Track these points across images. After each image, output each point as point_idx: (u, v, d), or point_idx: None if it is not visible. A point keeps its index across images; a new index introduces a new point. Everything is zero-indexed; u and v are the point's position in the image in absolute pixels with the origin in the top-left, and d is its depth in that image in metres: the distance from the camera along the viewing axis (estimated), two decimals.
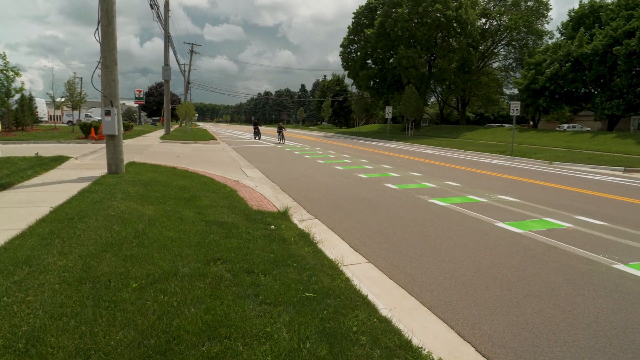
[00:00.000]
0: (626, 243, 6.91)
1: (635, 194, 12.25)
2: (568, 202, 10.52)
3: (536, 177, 15.47)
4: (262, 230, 6.41)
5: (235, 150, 24.21)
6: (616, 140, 29.97)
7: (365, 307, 4.04)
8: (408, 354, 3.27)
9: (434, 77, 53.22)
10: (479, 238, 7.08)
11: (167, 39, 34.23)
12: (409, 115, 47.31)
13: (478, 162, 21.53)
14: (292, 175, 14.26)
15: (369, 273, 5.40)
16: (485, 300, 4.65)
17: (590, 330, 4.03)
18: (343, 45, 58.93)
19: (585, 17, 41.27)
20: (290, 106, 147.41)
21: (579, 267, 5.72)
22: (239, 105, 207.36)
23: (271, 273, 4.59)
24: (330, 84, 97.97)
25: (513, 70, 58.17)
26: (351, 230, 7.43)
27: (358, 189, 11.83)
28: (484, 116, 75.91)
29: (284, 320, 3.56)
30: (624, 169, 18.74)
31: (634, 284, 5.18)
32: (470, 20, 49.00)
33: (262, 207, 8.40)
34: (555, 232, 7.49)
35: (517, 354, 3.61)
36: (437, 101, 68.49)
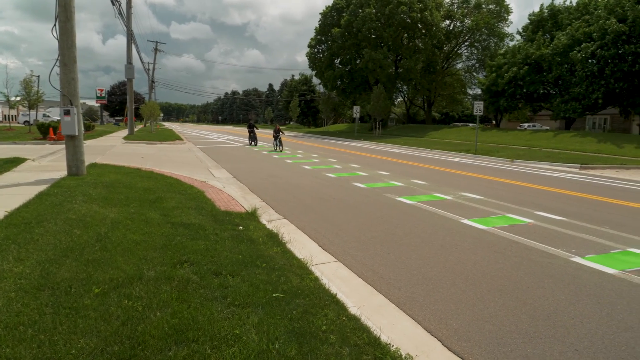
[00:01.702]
0: (582, 237, 7.23)
1: (591, 189, 12.82)
2: (529, 198, 10.90)
3: (499, 175, 15.95)
4: (230, 231, 6.33)
5: (202, 150, 23.83)
6: (573, 138, 31.29)
7: (335, 306, 4.06)
8: (377, 350, 3.31)
9: (401, 77, 54.02)
10: (445, 235, 7.24)
11: (130, 36, 33.33)
12: (377, 114, 47.85)
13: (444, 160, 22.01)
14: (261, 175, 14.16)
15: (338, 272, 5.42)
16: (451, 296, 4.75)
17: (549, 321, 4.19)
18: (310, 45, 58.98)
19: (544, 21, 42.85)
20: (258, 106, 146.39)
21: (539, 261, 5.94)
22: (206, 104, 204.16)
23: (239, 274, 4.54)
24: (298, 84, 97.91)
25: (476, 71, 59.74)
26: (320, 229, 7.45)
27: (327, 188, 11.87)
28: (449, 115, 77.67)
29: (253, 321, 3.53)
30: (580, 166, 19.58)
31: (589, 275, 5.42)
32: (435, 21, 50.01)
33: (230, 207, 8.30)
34: (517, 228, 7.75)
35: (481, 346, 3.72)
36: (403, 101, 69.56)
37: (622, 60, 30.30)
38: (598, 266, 5.74)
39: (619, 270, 5.60)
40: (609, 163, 20.43)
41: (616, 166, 19.80)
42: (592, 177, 16.45)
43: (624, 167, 19.68)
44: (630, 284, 5.14)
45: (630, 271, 5.57)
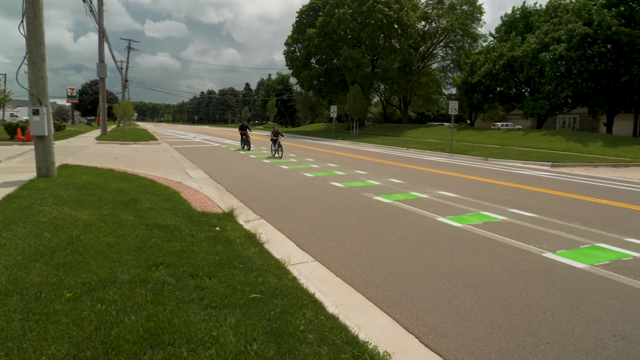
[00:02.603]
0: (554, 233, 7.43)
1: (562, 187, 13.19)
2: (502, 196, 11.14)
3: (473, 173, 16.25)
4: (206, 232, 6.26)
5: (177, 150, 23.48)
6: (544, 137, 32.12)
7: (313, 306, 4.05)
8: (355, 349, 3.32)
9: (378, 77, 54.44)
10: (421, 233, 7.33)
11: (102, 34, 32.56)
12: (354, 114, 48.07)
13: (420, 159, 22.29)
14: (238, 175, 14.05)
15: (316, 271, 5.43)
16: (428, 293, 4.82)
17: (523, 315, 4.30)
18: (287, 44, 58.88)
19: (516, 22, 43.95)
20: (235, 105, 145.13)
21: (512, 257, 6.07)
22: (181, 104, 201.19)
23: (216, 275, 4.50)
24: (275, 83, 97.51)
25: (451, 71, 60.74)
26: (298, 229, 7.44)
27: (304, 188, 11.86)
28: (425, 115, 78.69)
29: (230, 323, 3.50)
30: (551, 164, 20.13)
31: (561, 270, 5.58)
32: (411, 22, 50.61)
33: (207, 208, 8.21)
34: (491, 225, 7.91)
35: (457, 342, 3.78)
36: (380, 100, 70.11)
37: (588, 61, 31.28)
38: (568, 261, 5.91)
39: (588, 264, 5.78)
40: (578, 161, 21.06)
41: (585, 164, 20.43)
42: (562, 174, 16.93)
43: (592, 164, 20.33)
44: (599, 278, 5.31)
45: (598, 265, 5.75)
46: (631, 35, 29.17)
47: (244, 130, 25.56)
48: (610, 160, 21.31)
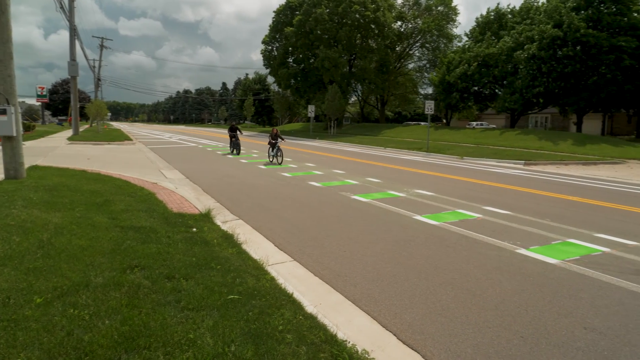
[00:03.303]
0: (527, 230, 7.61)
1: (535, 184, 13.52)
2: (477, 194, 11.34)
3: (450, 172, 16.50)
4: (183, 233, 6.18)
5: (153, 151, 23.08)
6: (518, 136, 32.85)
7: (291, 305, 4.05)
8: (333, 348, 3.33)
9: (355, 76, 54.68)
10: (398, 231, 7.40)
11: (73, 31, 31.72)
12: (332, 114, 48.16)
13: (397, 158, 22.50)
14: (215, 175, 13.90)
15: (295, 271, 5.42)
16: (405, 290, 4.87)
17: (497, 310, 4.38)
18: (264, 43, 58.55)
19: (491, 23, 44.86)
20: (212, 105, 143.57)
21: (487, 254, 6.19)
22: (157, 103, 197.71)
23: (193, 277, 4.44)
24: (252, 83, 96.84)
25: (427, 71, 61.47)
26: (276, 229, 7.41)
27: (282, 187, 11.83)
28: (402, 114, 79.42)
29: (208, 324, 3.46)
30: (524, 162, 20.61)
31: (533, 266, 5.72)
32: (387, 22, 50.99)
33: (183, 209, 8.10)
34: (466, 223, 8.04)
35: (434, 338, 3.83)
36: (358, 100, 70.43)
37: (558, 62, 32.14)
38: (541, 257, 6.06)
39: (559, 260, 5.94)
40: (550, 159, 21.62)
41: (556, 162, 20.99)
42: (535, 172, 17.35)
43: (563, 162, 20.90)
44: (570, 273, 5.47)
45: (569, 260, 5.92)
46: (598, 38, 30.10)
47: (233, 132, 22.62)
48: (580, 159, 21.95)
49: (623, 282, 5.15)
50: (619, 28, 30.78)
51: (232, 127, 23.03)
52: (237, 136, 22.43)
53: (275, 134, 18.13)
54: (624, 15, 31.00)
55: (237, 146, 22.21)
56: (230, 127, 23.07)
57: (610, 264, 5.81)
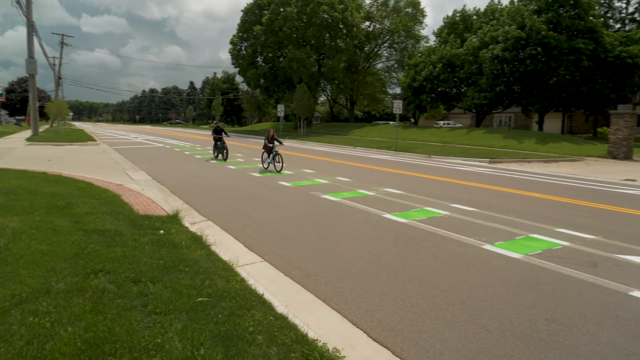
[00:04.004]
0: (492, 226, 7.83)
1: (499, 182, 13.92)
2: (445, 192, 11.58)
3: (418, 170, 16.78)
4: (150, 236, 6.04)
5: (117, 151, 22.45)
6: (483, 135, 33.73)
7: (262, 306, 4.02)
8: (304, 347, 3.33)
9: (324, 76, 54.80)
10: (368, 230, 7.47)
11: (31, 27, 30.46)
12: (301, 113, 48.13)
13: (367, 157, 22.70)
14: (183, 176, 13.65)
15: (265, 272, 5.39)
16: (375, 288, 4.92)
17: (464, 305, 4.49)
18: (233, 42, 57.89)
19: (457, 24, 45.94)
20: (179, 104, 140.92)
21: (454, 250, 6.34)
22: (122, 103, 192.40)
23: (161, 280, 4.35)
24: (221, 82, 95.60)
25: (395, 71, 62.31)
26: (246, 230, 7.35)
27: (252, 188, 11.74)
28: (371, 114, 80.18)
29: (176, 328, 3.40)
30: (490, 160, 21.19)
31: (498, 261, 5.89)
32: (356, 22, 51.36)
33: (150, 211, 7.91)
34: (434, 220, 8.20)
35: (404, 334, 3.89)
36: (327, 100, 70.64)
37: (521, 62, 33.21)
38: (505, 252, 6.25)
39: (523, 254, 6.14)
40: (513, 157, 22.31)
41: (520, 160, 21.67)
42: (500, 170, 17.86)
43: (526, 160, 21.61)
44: (532, 267, 5.66)
45: (532, 255, 6.13)
46: (559, 40, 31.27)
47: (218, 134, 19.53)
48: (542, 156, 22.75)
49: (582, 274, 5.37)
50: (577, 31, 32.07)
51: (216, 129, 19.80)
52: (223, 139, 19.41)
53: (272, 137, 15.69)
54: (582, 19, 32.34)
55: (222, 150, 19.13)
56: (215, 129, 19.88)
57: (569, 257, 6.04)
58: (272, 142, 15.58)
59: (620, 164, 20.70)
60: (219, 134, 19.50)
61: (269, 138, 15.63)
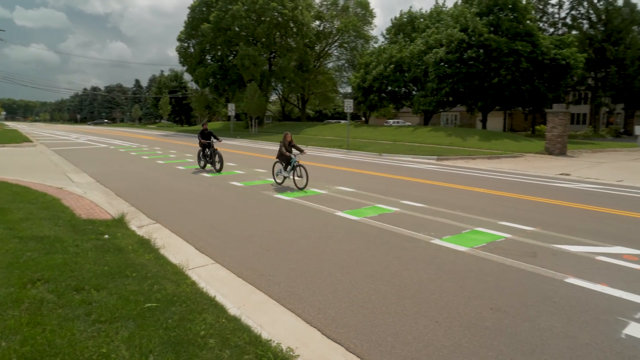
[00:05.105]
0: (440, 221, 8.10)
1: (446, 178, 14.42)
2: (395, 189, 11.85)
3: (369, 168, 17.06)
4: (93, 241, 5.76)
5: (57, 153, 21.23)
6: (430, 133, 34.82)
7: (214, 309, 3.95)
8: (258, 348, 3.30)
9: (275, 75, 54.50)
10: (321, 228, 7.51)
11: None
12: (252, 112, 47.61)
13: (319, 156, 22.80)
14: (129, 178, 13.13)
15: (217, 274, 5.28)
16: (329, 286, 4.95)
17: (414, 299, 4.62)
18: (180, 40, 56.28)
19: (404, 25, 47.17)
20: (124, 103, 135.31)
21: (405, 245, 6.50)
22: (61, 101, 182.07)
23: (106, 287, 4.16)
24: (168, 80, 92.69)
25: (345, 70, 63.02)
26: (196, 231, 7.17)
27: (203, 188, 11.48)
28: (323, 113, 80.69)
29: (123, 336, 3.26)
30: (437, 157, 21.90)
31: (446, 254, 6.10)
32: (306, 21, 51.42)
33: (93, 215, 7.54)
34: (385, 217, 8.37)
35: (357, 330, 3.94)
36: (279, 98, 70.33)
37: (464, 63, 34.58)
38: (453, 245, 6.49)
39: (469, 247, 6.40)
40: (459, 154, 23.19)
41: (465, 157, 22.56)
42: (447, 167, 18.51)
43: (471, 157, 22.52)
44: (478, 259, 5.91)
45: (477, 247, 6.40)
46: (499, 42, 32.83)
47: (207, 139, 15.33)
48: (486, 153, 23.81)
49: (522, 264, 5.67)
50: (516, 34, 33.78)
51: (204, 132, 15.45)
52: (213, 144, 15.23)
53: (290, 143, 12.13)
54: (520, 22, 34.10)
55: (214, 157, 15.00)
56: (202, 132, 15.47)
57: (512, 249, 6.36)
58: (290, 150, 12.01)
59: (556, 159, 22.05)
60: (207, 139, 15.32)
61: (287, 144, 11.96)
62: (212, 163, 15.01)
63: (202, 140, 15.28)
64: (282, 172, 12.06)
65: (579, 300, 4.60)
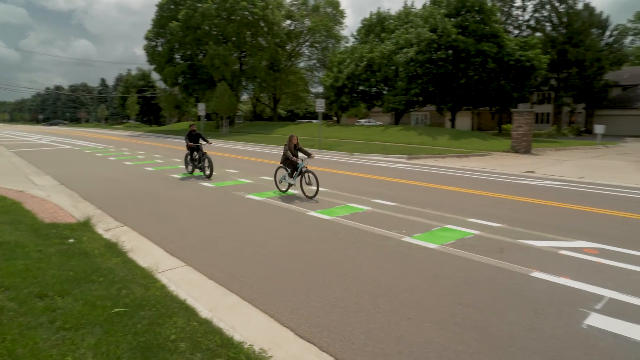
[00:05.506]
0: (411, 219, 8.21)
1: (417, 177, 14.64)
2: (367, 188, 11.95)
3: (341, 168, 17.14)
4: (57, 245, 5.56)
5: (17, 155, 20.39)
6: (401, 132, 35.28)
7: (184, 312, 3.88)
8: (230, 351, 3.26)
9: (246, 74, 54.04)
10: (293, 228, 7.50)
11: None
12: (223, 112, 47.08)
13: None
14: (95, 180, 12.74)
15: (188, 276, 5.19)
16: (301, 286, 4.95)
17: (387, 296, 4.67)
18: (148, 38, 55.02)
19: (374, 26, 47.63)
20: (89, 103, 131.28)
21: (377, 244, 6.56)
22: (21, 101, 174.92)
23: (71, 293, 4.02)
24: (135, 79, 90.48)
25: (317, 70, 63.14)
26: (166, 234, 7.03)
27: (172, 190, 11.27)
28: (294, 112, 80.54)
29: (89, 343, 3.16)
30: (408, 156, 22.22)
31: (417, 252, 6.19)
32: (277, 20, 51.21)
33: (57, 219, 7.29)
34: (357, 216, 8.43)
35: (330, 329, 3.95)
36: (250, 98, 69.79)
37: (433, 64, 35.22)
38: (423, 243, 6.59)
39: (439, 244, 6.51)
40: (430, 153, 23.59)
41: (435, 155, 22.98)
42: (417, 165, 18.80)
43: (441, 156, 22.95)
44: (448, 256, 6.03)
45: (447, 244, 6.52)
46: (467, 43, 33.59)
47: (195, 141, 13.82)
48: (455, 152, 24.31)
49: (490, 260, 5.81)
50: (482, 35, 34.62)
51: (191, 134, 13.85)
52: (202, 147, 13.78)
53: (296, 146, 10.92)
54: (486, 24, 34.97)
55: (203, 161, 13.42)
56: (189, 134, 13.86)
57: (480, 245, 6.52)
58: (296, 154, 10.80)
59: (522, 157, 22.72)
60: (195, 141, 13.82)
61: (292, 148, 10.75)
62: (201, 168, 13.48)
63: (189, 142, 13.72)
64: (287, 179, 10.79)
65: (544, 294, 4.76)
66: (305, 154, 10.77)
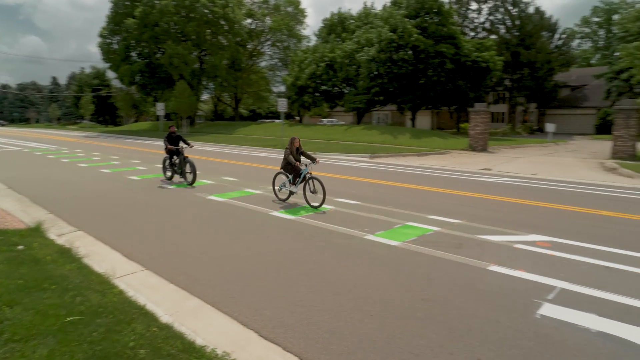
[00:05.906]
0: (373, 217, 8.32)
1: (379, 175, 14.85)
2: (330, 187, 11.93)
3: None
4: (5, 253, 5.27)
5: None
6: (363, 131, 35.69)
7: (144, 318, 3.77)
8: (192, 356, 3.20)
9: (206, 73, 53.11)
10: (256, 229, 7.43)
11: None
12: (182, 112, 46.09)
13: (252, 156, 22.55)
14: (47, 183, 12.17)
15: (147, 280, 5.05)
16: (265, 286, 4.91)
17: (351, 294, 4.70)
18: (102, 36, 53.05)
19: (335, 26, 47.95)
20: (40, 102, 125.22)
21: (340, 242, 6.60)
22: None
23: (20, 303, 3.83)
24: (90, 77, 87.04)
25: (279, 69, 62.91)
26: (124, 237, 6.81)
27: (130, 192, 10.92)
28: (256, 112, 79.87)
29: (41, 354, 3.02)
30: (370, 155, 22.49)
31: (379, 249, 6.28)
32: (237, 19, 50.57)
33: (5, 225, 6.91)
34: (320, 215, 8.45)
35: (294, 329, 3.94)
36: (211, 98, 68.65)
37: (394, 63, 35.83)
38: (386, 240, 6.69)
39: (401, 242, 6.63)
40: (391, 152, 23.98)
41: (397, 154, 23.38)
42: (379, 164, 19.06)
43: (402, 154, 23.38)
44: (409, 252, 6.14)
45: (408, 241, 6.65)
46: (426, 44, 34.38)
47: (176, 144, 12.60)
48: (416, 150, 24.83)
49: (450, 255, 5.97)
50: (440, 36, 35.52)
51: (170, 135, 12.68)
52: (183, 151, 12.51)
53: (298, 149, 9.76)
54: (444, 25, 35.91)
55: (180, 167, 12.33)
56: (169, 135, 12.68)
57: (440, 241, 6.69)
58: (298, 159, 9.70)
59: (479, 155, 23.49)
60: (175, 144, 12.61)
61: (294, 151, 9.60)
62: (182, 174, 12.24)
63: (169, 145, 12.45)
64: (288, 186, 9.77)
65: (501, 286, 4.94)
66: (309, 159, 9.70)
